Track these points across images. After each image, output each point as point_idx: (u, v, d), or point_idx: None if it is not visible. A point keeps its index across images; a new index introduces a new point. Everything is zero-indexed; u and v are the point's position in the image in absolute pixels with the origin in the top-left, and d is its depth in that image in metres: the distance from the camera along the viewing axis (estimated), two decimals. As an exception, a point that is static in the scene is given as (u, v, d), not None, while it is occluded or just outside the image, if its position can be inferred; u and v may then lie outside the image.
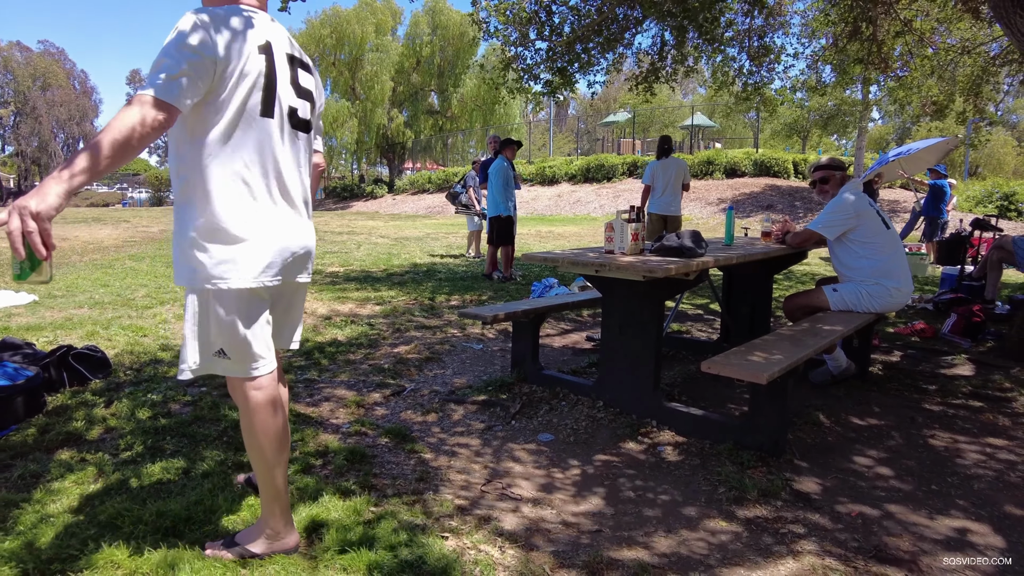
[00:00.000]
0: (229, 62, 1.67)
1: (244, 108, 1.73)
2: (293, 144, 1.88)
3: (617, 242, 3.18)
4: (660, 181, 7.46)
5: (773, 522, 2.29)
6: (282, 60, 1.83)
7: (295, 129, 1.89)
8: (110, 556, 1.90)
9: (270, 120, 1.79)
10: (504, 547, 2.06)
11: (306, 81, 1.92)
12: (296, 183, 1.90)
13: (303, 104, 1.91)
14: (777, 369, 2.55)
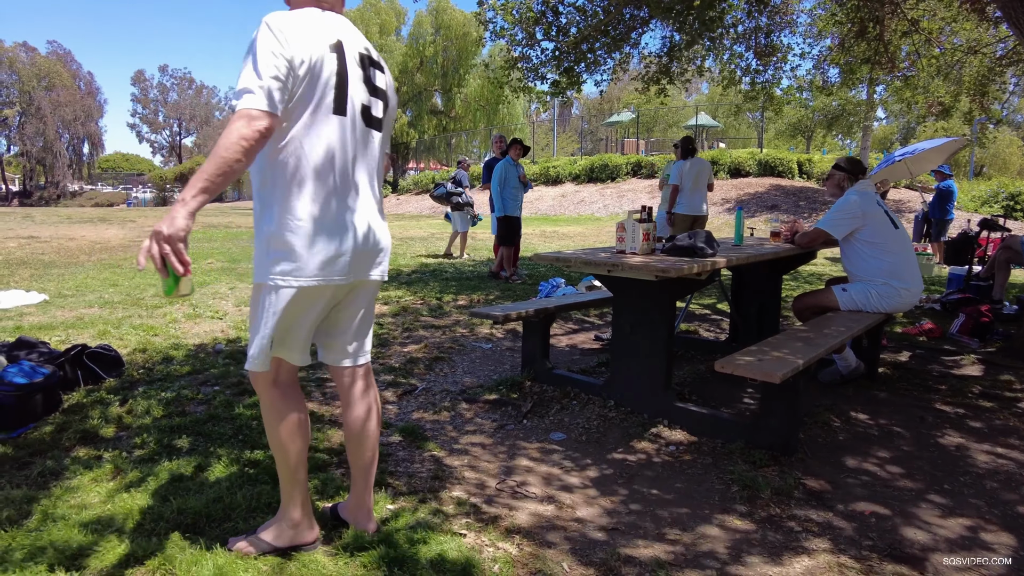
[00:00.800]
0: (303, 62, 1.70)
1: (319, 106, 1.76)
2: (366, 142, 1.90)
3: (628, 242, 3.20)
4: (688, 181, 7.42)
5: (787, 520, 2.30)
6: (354, 59, 1.84)
7: (368, 127, 1.90)
8: (132, 552, 1.92)
9: (343, 118, 1.81)
10: (521, 544, 2.08)
11: (380, 80, 1.94)
12: (368, 181, 1.91)
13: (376, 103, 1.92)
14: (790, 369, 2.56)
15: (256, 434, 2.87)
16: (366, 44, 1.93)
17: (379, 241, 1.94)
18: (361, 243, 1.86)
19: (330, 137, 1.79)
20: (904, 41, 8.18)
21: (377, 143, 1.95)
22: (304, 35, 1.72)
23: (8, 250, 9.80)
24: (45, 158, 53.26)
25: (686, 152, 7.49)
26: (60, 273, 7.74)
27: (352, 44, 1.86)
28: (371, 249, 1.91)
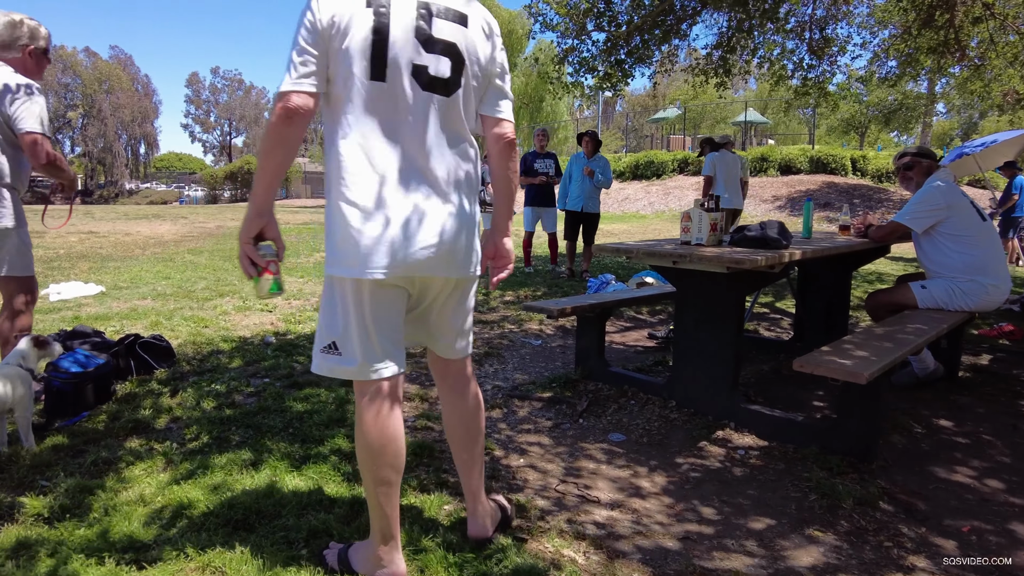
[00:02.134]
0: (332, 27, 1.51)
1: (351, 73, 1.53)
2: (423, 110, 1.58)
3: (695, 232, 3.02)
4: (721, 173, 7.22)
5: (875, 534, 2.11)
6: (404, 12, 1.55)
7: (428, 91, 1.58)
8: (182, 548, 1.85)
9: (382, 84, 1.55)
10: (588, 552, 1.94)
11: (444, 31, 1.59)
12: (421, 161, 1.59)
13: (437, 60, 1.58)
14: (875, 369, 2.36)
15: (307, 427, 2.79)
16: None
17: (443, 233, 1.61)
18: (409, 235, 1.57)
19: (367, 109, 1.55)
20: (976, 28, 7.72)
21: (440, 109, 1.60)
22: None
23: (69, 244, 10.11)
24: (105, 158, 55.36)
25: (713, 146, 7.34)
26: (116, 266, 7.92)
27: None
28: (432, 239, 1.59)
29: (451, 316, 1.79)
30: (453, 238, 1.64)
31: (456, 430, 1.91)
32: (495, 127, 1.73)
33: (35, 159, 2.70)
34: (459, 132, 1.66)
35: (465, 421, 1.89)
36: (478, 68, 1.66)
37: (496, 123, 1.73)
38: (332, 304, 1.63)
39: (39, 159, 2.69)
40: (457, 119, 1.65)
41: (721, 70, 7.87)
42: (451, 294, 1.75)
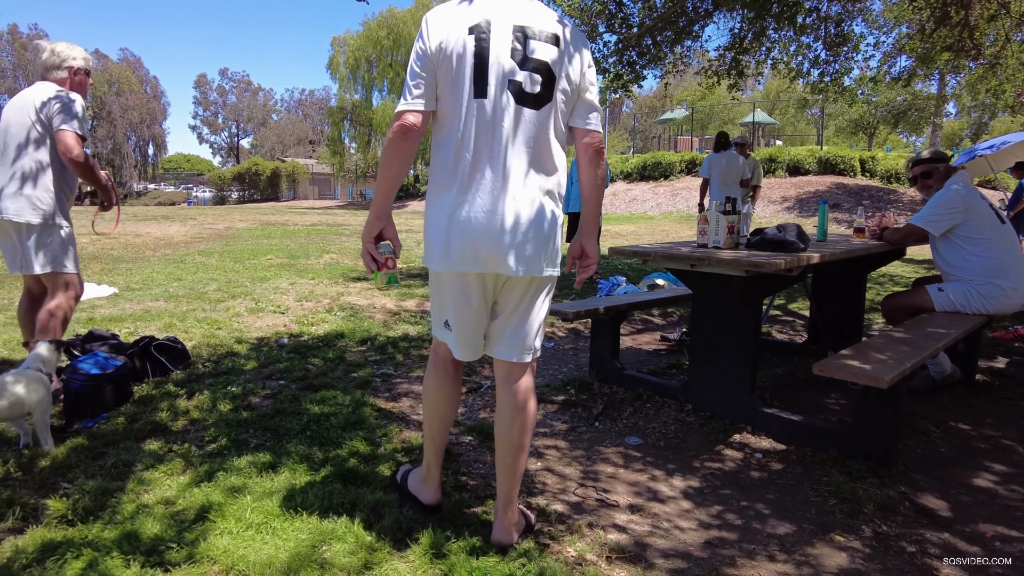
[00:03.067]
0: (441, 50, 1.74)
1: (459, 91, 1.74)
2: (517, 123, 1.75)
3: (712, 235, 3.00)
4: (716, 175, 7.23)
5: (898, 539, 2.09)
6: (503, 35, 1.74)
7: (521, 105, 1.75)
8: (206, 550, 1.86)
9: (484, 100, 1.74)
10: (611, 558, 1.93)
11: (540, 51, 1.76)
12: (513, 168, 1.75)
13: (530, 77, 1.75)
14: (896, 372, 2.34)
15: (324, 430, 2.80)
16: (532, 14, 1.79)
17: (514, 234, 1.75)
18: (486, 230, 1.74)
19: (469, 122, 1.75)
20: (992, 26, 7.67)
21: (532, 121, 1.76)
22: (444, 22, 1.75)
23: (81, 246, 10.14)
24: (114, 159, 55.70)
25: (718, 146, 7.33)
26: (128, 268, 7.95)
27: (506, 19, 1.76)
28: (505, 237, 1.74)
29: (518, 316, 1.89)
30: (530, 231, 1.78)
31: (500, 435, 1.94)
32: (584, 137, 1.89)
33: (66, 153, 2.96)
34: (548, 142, 1.82)
35: (511, 426, 1.92)
36: (567, 83, 1.81)
37: (585, 133, 1.89)
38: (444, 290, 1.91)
39: (70, 152, 2.96)
40: (546, 130, 1.81)
41: (734, 71, 7.84)
42: (524, 293, 1.87)
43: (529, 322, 1.89)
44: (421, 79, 1.74)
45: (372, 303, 5.79)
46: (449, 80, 1.74)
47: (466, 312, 1.86)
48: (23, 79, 47.99)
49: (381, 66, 33.29)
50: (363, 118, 34.32)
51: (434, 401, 2.05)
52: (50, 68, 3.16)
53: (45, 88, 3.07)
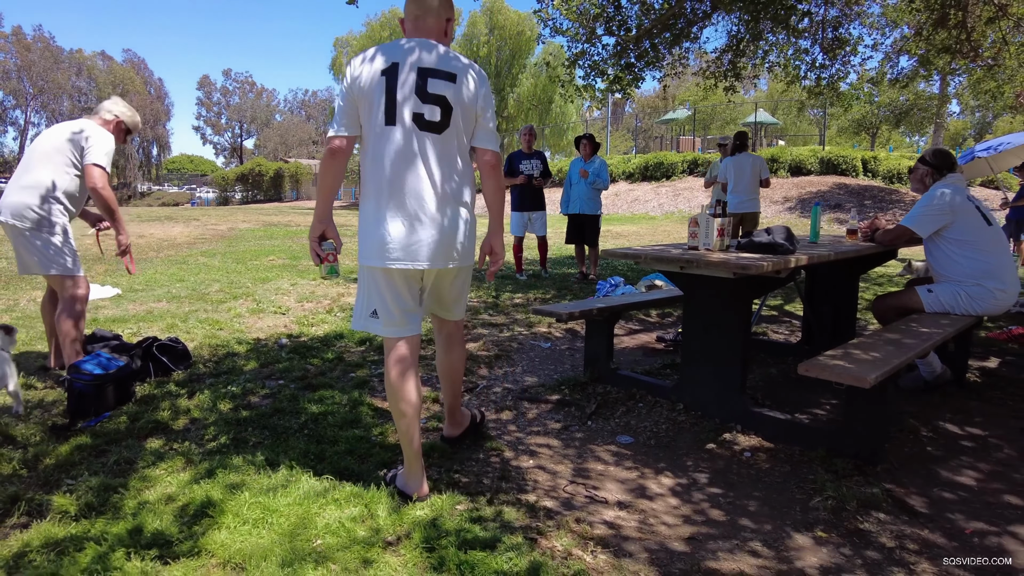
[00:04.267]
0: (359, 89, 2.16)
1: (373, 121, 2.16)
2: (420, 145, 2.15)
3: (702, 238, 3.06)
4: (733, 177, 7.26)
5: (878, 535, 2.14)
6: (408, 76, 2.14)
7: (424, 131, 2.15)
8: (205, 544, 1.92)
9: (394, 128, 2.14)
10: (596, 552, 1.99)
11: (437, 88, 2.15)
12: (422, 177, 2.15)
13: (430, 108, 2.15)
14: (879, 373, 2.39)
15: (322, 428, 2.86)
16: (434, 58, 2.18)
17: (438, 234, 2.17)
18: (415, 233, 2.15)
19: (383, 145, 2.15)
20: (990, 28, 7.71)
21: (438, 145, 2.17)
22: (362, 66, 2.17)
23: (85, 247, 10.21)
24: (118, 160, 55.76)
25: (735, 148, 7.36)
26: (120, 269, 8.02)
27: (412, 62, 2.16)
28: (428, 239, 2.16)
29: (447, 292, 2.41)
30: (443, 234, 2.19)
31: (443, 369, 2.61)
32: (482, 155, 2.33)
33: (93, 184, 3.37)
34: (451, 159, 2.22)
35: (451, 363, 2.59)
36: (463, 111, 2.21)
37: (483, 152, 2.33)
38: (367, 284, 2.27)
39: (96, 184, 3.36)
40: (449, 150, 2.21)
41: (730, 74, 7.89)
42: (446, 278, 2.36)
43: (453, 296, 2.45)
44: (344, 112, 2.18)
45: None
46: (367, 112, 2.16)
47: (391, 298, 2.22)
48: (27, 80, 48.23)
49: (384, 67, 33.37)
50: (366, 119, 34.44)
51: (400, 392, 2.24)
52: (99, 112, 3.62)
53: (86, 123, 3.47)
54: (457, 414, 2.72)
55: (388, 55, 2.16)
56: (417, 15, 2.28)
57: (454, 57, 2.24)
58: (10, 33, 48.01)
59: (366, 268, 2.24)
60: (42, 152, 3.41)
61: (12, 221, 3.31)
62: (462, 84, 2.20)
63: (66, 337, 3.40)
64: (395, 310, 2.22)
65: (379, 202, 2.16)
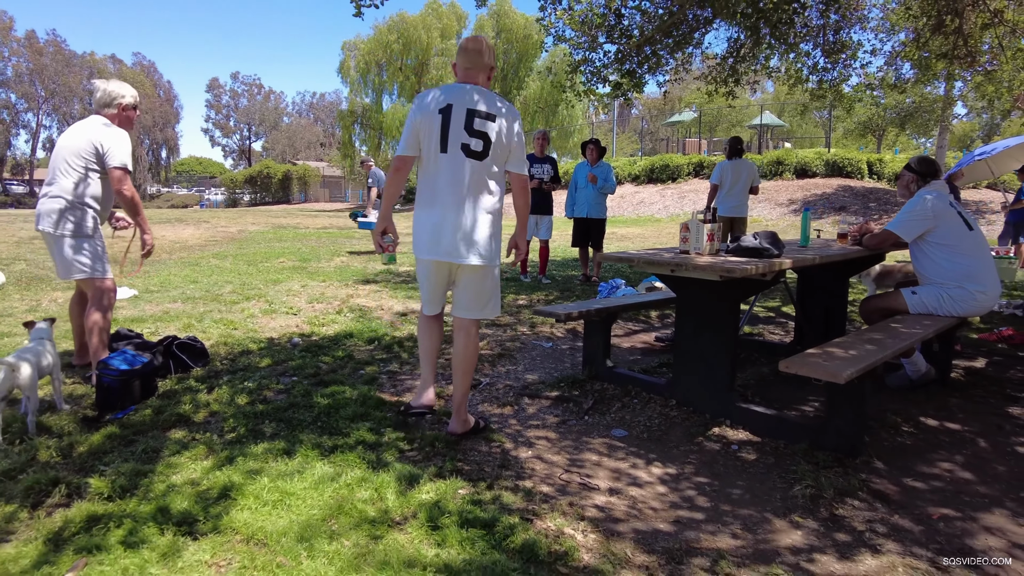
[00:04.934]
0: (421, 122, 2.77)
1: (429, 147, 2.78)
2: (465, 169, 2.76)
3: (693, 242, 3.23)
4: (728, 181, 7.42)
5: (851, 520, 2.31)
6: (460, 114, 2.74)
7: (469, 158, 2.76)
8: (228, 523, 2.11)
9: (445, 154, 2.76)
10: (586, 531, 2.17)
11: (481, 126, 2.76)
12: (463, 194, 2.76)
13: (475, 141, 2.76)
14: (854, 369, 2.56)
15: (334, 421, 3.05)
16: (480, 102, 2.78)
17: (469, 236, 2.77)
18: (450, 233, 2.76)
19: (436, 168, 2.78)
20: (985, 34, 7.83)
21: (475, 168, 2.77)
22: (421, 105, 2.80)
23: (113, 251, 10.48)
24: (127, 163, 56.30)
25: (732, 152, 7.51)
26: (145, 270, 8.25)
27: (462, 104, 2.75)
28: (461, 239, 2.76)
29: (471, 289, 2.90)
30: (471, 236, 2.78)
31: (455, 361, 2.98)
32: (515, 178, 2.93)
33: (117, 186, 3.54)
34: (487, 180, 2.82)
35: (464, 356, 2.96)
36: (502, 147, 2.82)
37: (515, 176, 2.93)
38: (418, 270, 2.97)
39: (121, 187, 3.53)
40: (486, 173, 2.81)
41: (731, 79, 8.03)
42: (472, 274, 2.86)
43: (478, 292, 2.90)
44: (409, 137, 2.81)
45: (380, 304, 6.05)
46: (426, 140, 2.77)
47: (430, 283, 2.91)
48: (39, 84, 48.80)
49: (391, 70, 33.62)
50: (373, 121, 34.65)
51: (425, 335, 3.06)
52: (103, 105, 3.64)
53: (96, 123, 3.57)
54: (463, 412, 2.98)
55: (446, 97, 2.77)
56: (467, 67, 2.86)
57: (496, 100, 2.83)
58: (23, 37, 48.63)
59: (417, 259, 2.94)
60: (63, 159, 3.54)
61: (47, 229, 3.49)
62: (500, 123, 2.79)
63: (94, 327, 3.55)
64: (427, 290, 2.96)
65: (426, 210, 2.81)
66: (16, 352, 2.93)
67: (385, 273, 8.25)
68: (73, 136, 3.57)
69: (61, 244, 3.52)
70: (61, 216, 3.49)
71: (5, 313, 5.44)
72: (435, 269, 2.86)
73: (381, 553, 1.96)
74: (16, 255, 9.12)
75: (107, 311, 3.63)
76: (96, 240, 3.60)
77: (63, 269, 3.57)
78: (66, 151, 3.54)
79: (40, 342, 3.13)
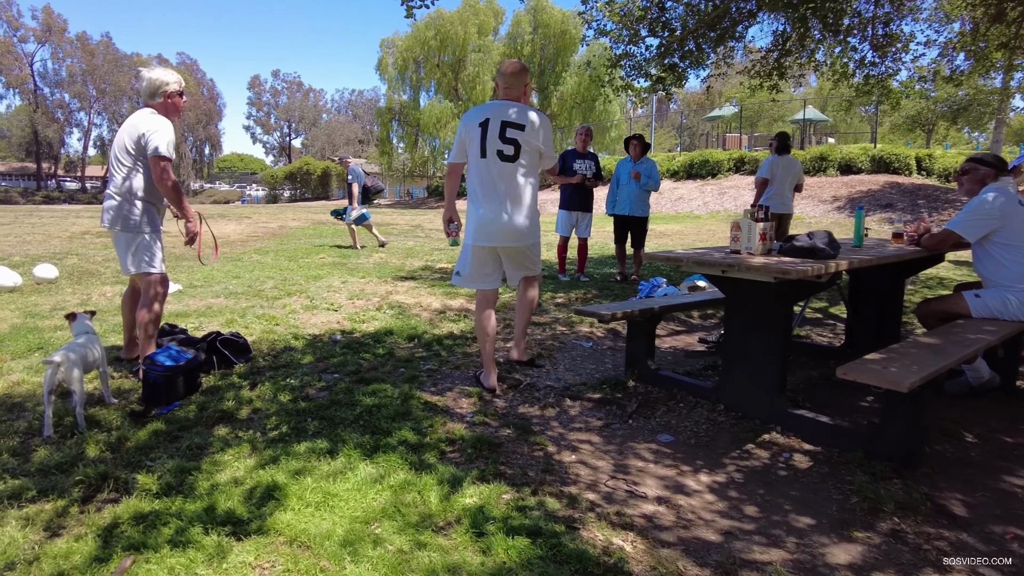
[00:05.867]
0: (466, 133, 3.44)
1: (472, 154, 3.43)
2: (502, 171, 3.39)
3: (744, 241, 3.12)
4: (779, 177, 7.20)
5: (914, 536, 2.19)
6: (496, 125, 3.35)
7: (503, 162, 3.38)
8: (272, 524, 2.10)
9: (484, 159, 3.38)
10: (635, 542, 2.10)
11: (512, 134, 3.35)
12: (501, 191, 3.40)
13: (507, 147, 3.36)
14: (919, 378, 2.43)
15: (376, 420, 3.03)
16: (514, 115, 3.35)
17: (508, 225, 3.42)
18: (495, 224, 3.41)
19: (478, 170, 3.42)
20: (1049, 23, 7.46)
21: (511, 170, 3.39)
22: (466, 121, 3.45)
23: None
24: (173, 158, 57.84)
25: (782, 148, 7.26)
26: (189, 266, 8.41)
27: (498, 117, 3.35)
28: (502, 228, 3.42)
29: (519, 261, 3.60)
30: (513, 225, 3.43)
31: (520, 301, 3.84)
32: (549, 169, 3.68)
33: (157, 175, 3.55)
34: (518, 179, 3.43)
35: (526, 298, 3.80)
36: (531, 149, 3.42)
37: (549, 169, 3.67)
38: (465, 253, 3.56)
39: (161, 176, 3.54)
40: (518, 173, 3.43)
41: (775, 73, 7.82)
42: (518, 252, 3.56)
43: (529, 263, 3.64)
44: (458, 146, 3.49)
45: (419, 302, 6.05)
46: (470, 147, 3.43)
47: (480, 265, 3.53)
48: (91, 84, 50.37)
49: (428, 67, 33.78)
50: (411, 118, 34.90)
51: (481, 324, 3.58)
52: (149, 95, 3.68)
53: (143, 115, 3.61)
54: (522, 344, 3.99)
55: (485, 113, 3.39)
56: (507, 87, 3.46)
57: (527, 111, 3.39)
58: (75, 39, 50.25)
59: (468, 245, 3.52)
60: (115, 156, 3.62)
61: (104, 225, 3.61)
62: (529, 131, 3.37)
63: (143, 320, 3.62)
64: (478, 272, 3.53)
65: (474, 204, 3.46)
66: (64, 347, 2.98)
67: (423, 270, 8.27)
68: (123, 132, 3.63)
69: (116, 240, 3.63)
70: (116, 213, 3.58)
71: (58, 307, 5.59)
72: (487, 251, 3.51)
73: (425, 560, 1.93)
74: (68, 250, 9.40)
75: (152, 304, 3.67)
76: (145, 234, 3.63)
77: (122, 264, 3.67)
78: (117, 148, 3.61)
79: (88, 336, 3.18)
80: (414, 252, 10.34)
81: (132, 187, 3.58)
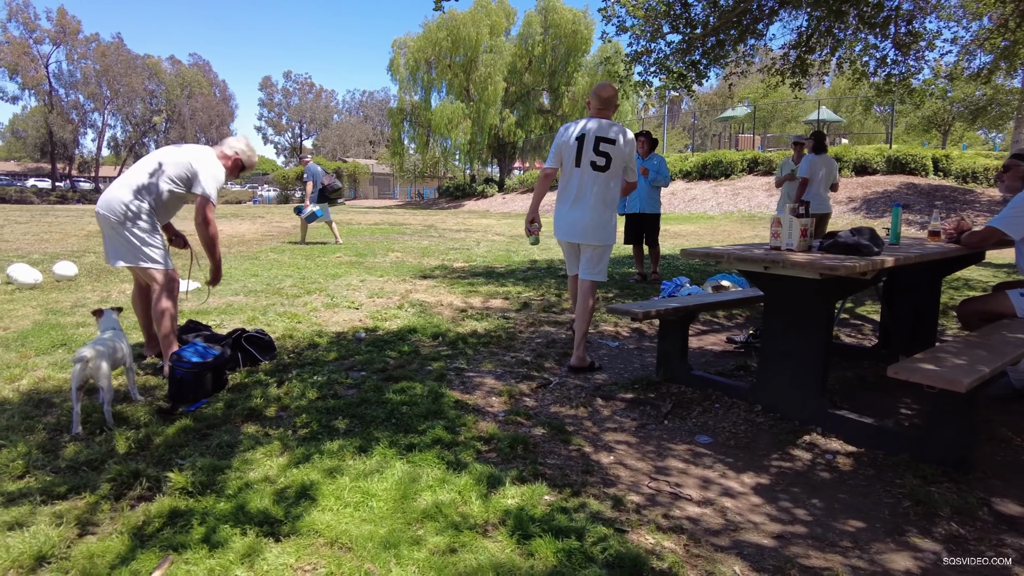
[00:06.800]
0: (563, 144, 3.88)
1: (568, 163, 3.86)
2: (592, 178, 3.81)
3: (785, 238, 3.04)
4: (819, 176, 7.09)
5: (977, 543, 2.10)
6: (590, 139, 3.78)
7: (595, 171, 3.81)
8: (310, 524, 2.04)
9: (578, 168, 3.83)
10: (688, 546, 2.02)
11: (605, 148, 3.78)
12: (589, 196, 3.83)
13: (600, 159, 3.79)
14: (976, 377, 2.34)
15: (407, 418, 2.97)
16: (606, 131, 3.79)
17: (587, 225, 3.86)
18: (576, 223, 3.88)
19: (571, 176, 3.88)
20: (1080, 20, 7.32)
21: (602, 178, 3.82)
22: (563, 134, 3.92)
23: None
24: (185, 160, 58.07)
25: (818, 147, 7.13)
26: (206, 264, 8.36)
27: (592, 131, 3.79)
28: (583, 227, 3.86)
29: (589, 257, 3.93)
30: (595, 225, 3.87)
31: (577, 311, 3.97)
32: (626, 185, 4.03)
33: (200, 218, 3.62)
34: (607, 186, 3.85)
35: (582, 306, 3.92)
36: (619, 162, 3.85)
37: (627, 182, 4.03)
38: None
39: (204, 220, 3.62)
40: (607, 181, 3.85)
41: (798, 70, 7.71)
42: (593, 250, 3.91)
43: (595, 263, 3.92)
44: (554, 154, 3.92)
45: (439, 300, 5.99)
46: (566, 157, 3.86)
47: (568, 255, 4.11)
48: (106, 85, 50.70)
49: (440, 68, 33.74)
50: (422, 119, 34.88)
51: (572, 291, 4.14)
52: (221, 145, 3.91)
53: (206, 151, 3.73)
54: (580, 350, 3.93)
55: (581, 128, 3.82)
56: (599, 108, 3.87)
57: (616, 127, 3.82)
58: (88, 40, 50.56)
59: (558, 240, 4.07)
60: (155, 159, 3.57)
61: (104, 212, 3.49)
62: (618, 145, 3.80)
63: (161, 314, 3.55)
64: (567, 260, 4.15)
65: (564, 205, 3.91)
66: (90, 343, 2.93)
67: (439, 268, 8.21)
68: (178, 150, 3.67)
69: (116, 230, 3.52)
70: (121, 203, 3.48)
71: (79, 304, 5.57)
72: (567, 246, 4.06)
73: (472, 562, 1.86)
74: (86, 248, 9.42)
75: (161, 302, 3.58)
76: (155, 233, 3.60)
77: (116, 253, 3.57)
78: (165, 156, 3.61)
79: (115, 332, 3.14)
80: (429, 251, 10.28)
81: (151, 191, 3.53)
